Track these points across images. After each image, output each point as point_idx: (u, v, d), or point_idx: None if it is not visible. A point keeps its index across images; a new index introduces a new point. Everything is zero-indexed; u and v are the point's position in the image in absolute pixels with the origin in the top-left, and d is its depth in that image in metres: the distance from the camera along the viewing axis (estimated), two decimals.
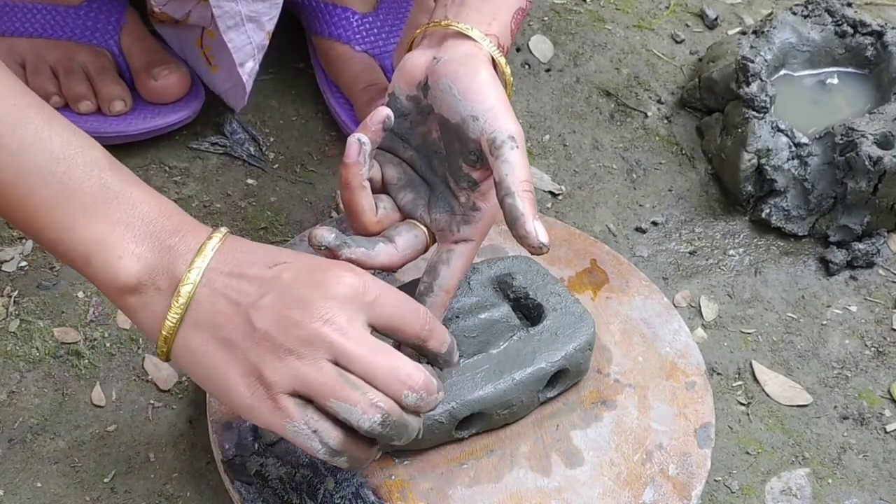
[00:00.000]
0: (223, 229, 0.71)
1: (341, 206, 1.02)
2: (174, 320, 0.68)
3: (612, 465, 0.83)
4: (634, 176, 1.10)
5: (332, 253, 0.76)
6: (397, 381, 0.67)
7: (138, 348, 0.91)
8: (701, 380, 0.89)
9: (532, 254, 0.74)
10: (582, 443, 0.84)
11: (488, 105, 0.75)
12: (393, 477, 0.80)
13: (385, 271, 0.80)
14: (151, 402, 0.88)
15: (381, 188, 0.82)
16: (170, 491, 0.83)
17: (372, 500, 0.78)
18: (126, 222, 0.69)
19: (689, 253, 1.04)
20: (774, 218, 1.05)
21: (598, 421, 0.86)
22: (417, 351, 0.74)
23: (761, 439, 0.92)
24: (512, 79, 0.82)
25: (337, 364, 0.67)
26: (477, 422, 0.82)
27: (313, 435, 0.67)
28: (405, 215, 0.81)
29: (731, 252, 1.05)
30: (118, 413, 0.87)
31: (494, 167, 0.74)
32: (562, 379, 0.85)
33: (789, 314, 1.01)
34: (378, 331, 0.70)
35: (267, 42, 0.97)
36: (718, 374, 0.96)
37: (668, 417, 0.86)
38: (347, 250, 0.76)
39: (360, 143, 0.76)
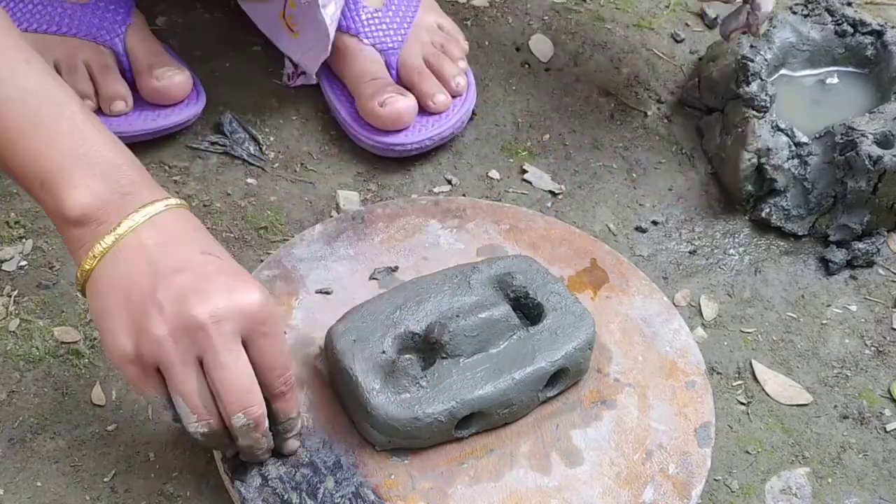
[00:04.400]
0: (181, 200, 0.74)
1: (342, 206, 1.03)
2: (104, 246, 0.71)
3: (612, 465, 0.83)
4: (634, 175, 1.10)
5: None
6: (239, 403, 0.71)
7: None
8: (701, 379, 0.89)
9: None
10: (582, 442, 0.84)
11: None
12: (393, 476, 0.80)
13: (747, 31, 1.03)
14: None
15: None
16: (170, 490, 0.83)
17: (372, 500, 0.78)
18: (89, 159, 0.72)
19: (689, 252, 1.04)
20: (774, 217, 1.05)
21: (598, 420, 0.86)
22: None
23: (761, 439, 0.92)
24: None
25: (202, 360, 0.70)
26: (477, 421, 0.82)
27: (168, 404, 0.72)
28: None
29: (731, 251, 1.05)
30: (118, 412, 0.87)
31: None
32: (562, 378, 0.85)
33: (789, 313, 1.01)
34: (246, 352, 0.72)
35: None
36: (718, 373, 0.96)
37: (668, 417, 0.86)
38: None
39: None
